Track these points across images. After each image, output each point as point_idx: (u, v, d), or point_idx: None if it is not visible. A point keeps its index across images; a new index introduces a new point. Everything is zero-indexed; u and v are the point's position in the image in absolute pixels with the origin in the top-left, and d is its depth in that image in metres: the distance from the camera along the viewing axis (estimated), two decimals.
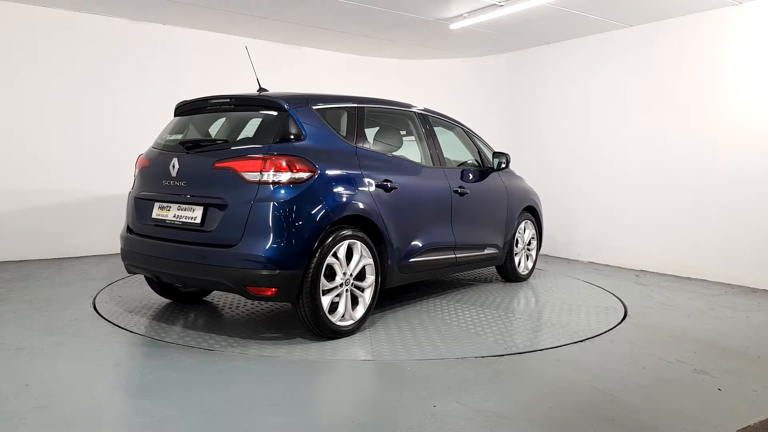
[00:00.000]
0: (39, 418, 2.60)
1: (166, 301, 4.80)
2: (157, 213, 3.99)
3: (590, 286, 5.89)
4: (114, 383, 3.04)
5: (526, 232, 6.03)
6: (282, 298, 3.65)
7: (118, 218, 7.17)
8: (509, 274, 5.91)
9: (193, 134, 4.32)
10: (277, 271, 3.52)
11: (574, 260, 7.56)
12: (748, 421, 2.75)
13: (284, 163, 3.62)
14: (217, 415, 2.67)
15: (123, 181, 7.22)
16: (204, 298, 4.87)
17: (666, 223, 6.65)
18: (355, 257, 3.92)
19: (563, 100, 7.81)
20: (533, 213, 6.17)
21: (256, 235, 3.54)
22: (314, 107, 4.04)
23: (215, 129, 4.42)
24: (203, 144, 4.04)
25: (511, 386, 3.14)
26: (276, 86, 8.46)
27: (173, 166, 3.91)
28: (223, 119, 4.39)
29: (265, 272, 3.52)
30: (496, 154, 5.62)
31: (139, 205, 4.16)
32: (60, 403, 2.76)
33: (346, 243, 3.83)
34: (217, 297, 4.98)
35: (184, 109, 4.43)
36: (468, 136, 5.64)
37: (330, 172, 3.83)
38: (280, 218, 3.55)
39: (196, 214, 3.76)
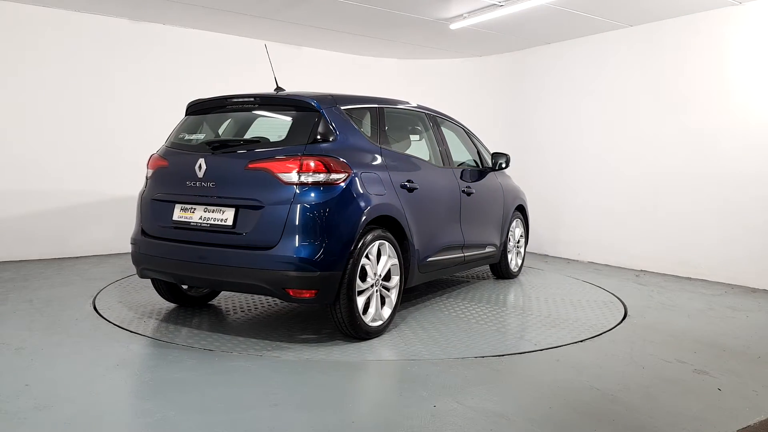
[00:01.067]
0: (39, 418, 2.60)
1: (165, 301, 4.80)
2: (179, 215, 3.86)
3: (590, 286, 5.89)
4: (114, 383, 3.04)
5: (516, 230, 6.20)
6: (321, 300, 3.59)
7: (118, 218, 7.20)
8: (503, 272, 6.04)
9: (215, 134, 4.23)
10: (318, 273, 3.49)
11: (574, 260, 7.56)
12: (748, 421, 2.75)
13: (322, 164, 3.58)
14: (217, 415, 2.67)
15: (123, 181, 7.24)
16: (209, 302, 4.83)
17: (666, 223, 6.65)
18: (383, 258, 3.94)
19: (563, 100, 7.81)
20: (522, 212, 6.36)
21: (295, 236, 3.48)
22: (342, 107, 4.01)
23: (237, 128, 4.33)
24: (232, 144, 3.95)
25: (511, 386, 3.14)
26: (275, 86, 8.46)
27: (200, 167, 3.78)
28: (245, 118, 4.31)
29: (305, 274, 3.48)
30: (495, 155, 5.68)
31: (156, 207, 4.01)
32: (60, 403, 2.76)
33: (377, 244, 3.85)
34: (218, 298, 4.98)
35: (199, 107, 4.31)
36: (467, 135, 5.69)
37: (363, 173, 3.83)
38: (320, 220, 3.52)
39: (226, 216, 3.66)
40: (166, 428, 2.54)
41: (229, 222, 3.65)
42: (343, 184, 3.65)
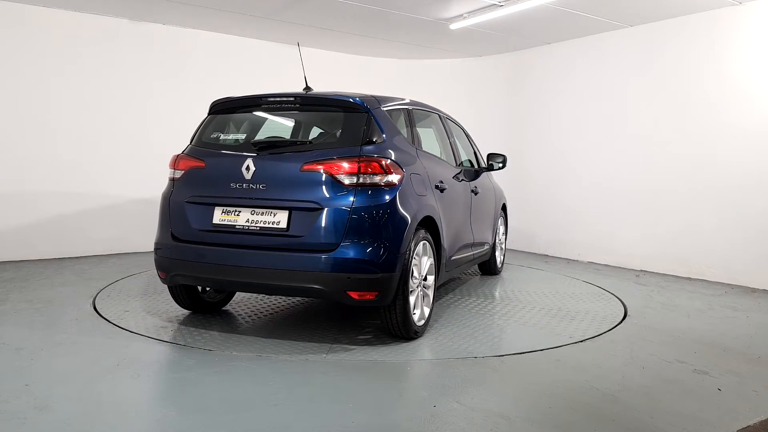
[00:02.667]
0: (39, 418, 2.60)
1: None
2: (220, 218, 3.71)
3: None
4: (114, 383, 3.04)
5: (500, 228, 6.36)
6: (380, 302, 3.57)
7: (118, 218, 7.21)
8: (491, 269, 6.24)
9: (255, 134, 4.15)
10: (380, 275, 3.48)
11: (574, 260, 7.56)
12: (748, 421, 2.75)
13: (379, 166, 3.57)
14: (217, 415, 2.67)
15: (122, 181, 7.24)
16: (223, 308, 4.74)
17: (666, 224, 6.65)
18: (425, 258, 3.97)
19: (563, 100, 7.81)
20: (504, 210, 6.53)
21: (357, 238, 3.46)
22: (384, 108, 4.00)
23: (276, 129, 4.27)
24: (281, 144, 3.86)
25: (511, 386, 3.14)
26: (276, 86, 8.46)
27: (247, 168, 3.65)
28: (284, 118, 4.25)
29: (368, 276, 3.46)
30: (492, 155, 5.70)
31: (191, 210, 3.82)
32: (60, 403, 2.76)
33: (422, 243, 3.88)
34: None
35: (226, 106, 4.17)
36: (466, 136, 5.73)
37: (411, 174, 3.85)
38: (380, 221, 3.51)
39: (278, 219, 3.57)
40: (166, 428, 2.55)
41: (283, 225, 3.55)
42: (398, 186, 3.65)
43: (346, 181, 3.52)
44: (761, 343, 4.04)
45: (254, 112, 4.21)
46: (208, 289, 4.37)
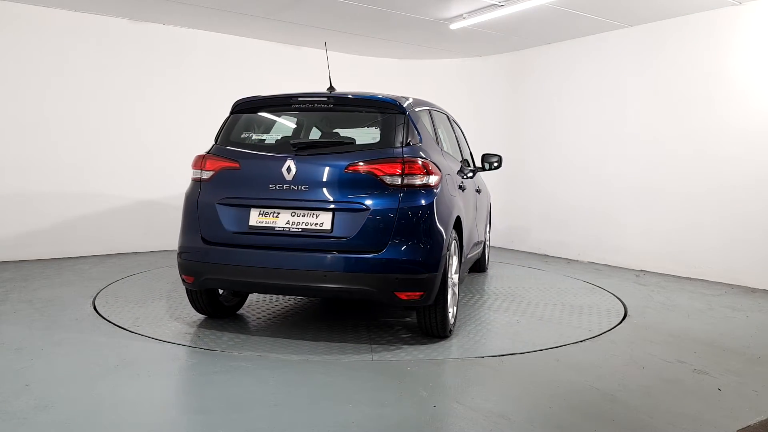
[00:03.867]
0: (39, 418, 2.60)
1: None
2: (258, 220, 3.62)
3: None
4: (114, 383, 3.04)
5: (487, 227, 6.51)
6: (424, 302, 3.58)
7: (118, 218, 7.21)
8: (481, 266, 6.38)
9: (288, 134, 4.11)
10: (425, 275, 3.51)
11: (574, 260, 7.56)
12: (748, 421, 2.75)
13: (421, 167, 3.59)
14: (217, 415, 2.67)
15: (122, 181, 7.24)
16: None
17: (666, 223, 6.65)
18: (454, 257, 4.02)
19: (563, 99, 7.81)
20: (490, 209, 6.70)
21: (403, 239, 3.47)
22: (416, 109, 4.03)
23: (311, 129, 4.23)
24: (321, 145, 3.83)
25: (511, 386, 3.14)
26: (276, 86, 8.47)
27: (288, 169, 3.59)
28: (317, 118, 4.20)
29: (414, 276, 3.49)
30: (487, 156, 5.67)
31: (223, 211, 3.70)
32: (60, 403, 2.76)
33: (453, 243, 3.93)
34: None
35: (251, 105, 4.09)
36: (463, 135, 5.76)
37: (446, 175, 3.90)
38: (425, 222, 3.53)
39: (322, 220, 3.53)
40: (166, 428, 2.55)
41: (326, 226, 3.52)
42: (439, 186, 3.68)
43: (391, 182, 3.53)
44: (761, 343, 4.04)
45: (284, 112, 4.17)
46: (222, 292, 4.29)
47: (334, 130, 4.22)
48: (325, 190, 3.56)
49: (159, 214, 7.51)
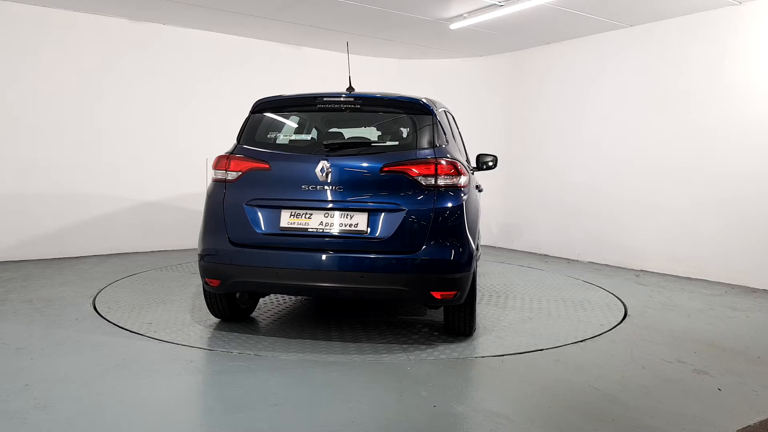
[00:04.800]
0: (39, 418, 2.60)
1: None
2: (289, 221, 3.58)
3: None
4: (114, 383, 3.04)
5: None
6: (457, 300, 3.62)
7: (118, 218, 7.21)
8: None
9: (317, 134, 4.10)
10: (460, 274, 3.55)
11: (574, 260, 7.56)
12: (748, 421, 2.75)
13: (453, 167, 3.63)
14: (217, 415, 2.67)
15: (122, 181, 7.24)
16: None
17: (666, 224, 6.65)
18: None
19: (563, 99, 7.81)
20: None
21: (438, 239, 3.50)
22: (440, 110, 4.07)
23: (338, 129, 4.21)
24: (353, 146, 3.78)
25: (511, 386, 3.14)
26: (276, 86, 8.47)
27: (322, 170, 3.56)
28: (343, 119, 4.17)
29: (450, 276, 3.52)
30: (482, 156, 5.64)
31: (252, 213, 3.63)
32: (60, 403, 2.76)
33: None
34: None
35: (274, 105, 4.04)
36: (460, 135, 5.75)
37: (472, 176, 3.97)
38: (458, 222, 3.58)
39: (357, 221, 3.53)
40: (166, 427, 2.55)
41: (362, 227, 3.52)
42: (468, 186, 3.75)
43: (426, 182, 3.56)
44: (761, 343, 4.04)
45: (309, 112, 4.13)
46: (237, 295, 4.23)
47: (362, 131, 4.22)
48: (360, 190, 3.56)
49: (159, 214, 7.51)
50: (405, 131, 3.87)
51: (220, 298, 4.03)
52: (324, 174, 3.56)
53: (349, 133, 4.25)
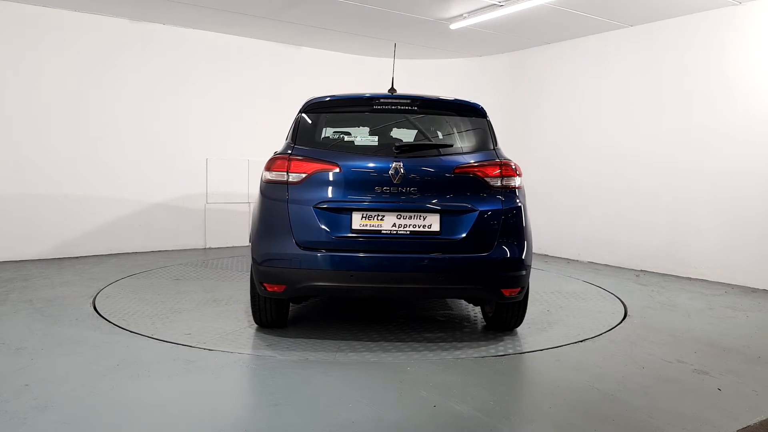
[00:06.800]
0: (39, 418, 2.60)
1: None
2: (361, 223, 3.55)
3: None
4: (114, 383, 3.04)
5: None
6: (520, 296, 3.77)
7: (118, 218, 7.20)
8: None
9: (381, 136, 4.11)
10: (524, 271, 3.69)
11: (574, 260, 7.56)
12: (748, 421, 2.75)
13: (513, 169, 3.78)
14: (217, 415, 2.67)
15: (122, 181, 7.24)
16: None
17: (666, 223, 6.65)
18: None
19: (563, 99, 7.81)
20: None
21: (508, 238, 3.64)
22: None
23: (396, 130, 4.23)
24: (420, 148, 3.83)
25: (511, 386, 3.14)
26: (276, 86, 8.48)
27: (395, 172, 3.57)
28: (401, 120, 4.18)
29: (518, 273, 3.65)
30: None
31: (322, 216, 3.55)
32: (60, 403, 2.76)
33: None
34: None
35: (328, 105, 4.00)
36: None
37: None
38: (521, 221, 3.73)
39: (430, 222, 3.57)
40: (165, 428, 2.55)
41: (435, 228, 3.57)
42: (522, 187, 3.89)
43: (494, 183, 3.69)
44: (761, 343, 4.04)
45: (364, 113, 4.12)
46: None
47: (421, 133, 4.25)
48: (433, 192, 3.63)
49: (159, 214, 7.51)
50: (464, 133, 3.98)
51: (273, 306, 3.92)
52: (397, 176, 3.58)
53: (406, 134, 4.24)
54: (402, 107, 3.94)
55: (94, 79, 6.97)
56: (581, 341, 3.97)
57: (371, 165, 3.66)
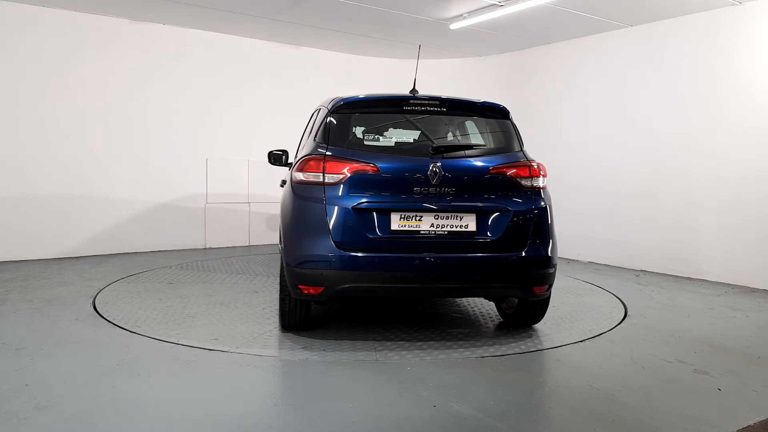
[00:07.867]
0: (39, 418, 2.60)
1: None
2: (400, 224, 3.56)
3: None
4: (114, 383, 3.04)
5: None
6: (547, 293, 3.89)
7: (118, 218, 7.21)
8: None
9: (415, 137, 4.13)
10: (553, 269, 3.81)
11: (574, 260, 7.56)
12: (748, 421, 2.75)
13: (539, 170, 3.87)
14: (217, 415, 2.67)
15: (122, 181, 7.24)
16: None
17: (666, 223, 6.64)
18: None
19: (563, 99, 7.81)
20: None
21: (539, 237, 3.73)
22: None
23: (426, 131, 4.23)
24: (455, 149, 3.88)
25: (511, 386, 3.14)
26: (276, 86, 8.47)
27: (434, 173, 3.60)
28: (429, 121, 4.18)
29: (548, 271, 3.76)
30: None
31: (361, 217, 3.53)
32: (60, 403, 2.76)
33: None
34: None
35: (357, 106, 3.98)
36: None
37: None
38: (549, 220, 3.84)
39: (466, 222, 3.63)
40: (166, 428, 2.55)
41: (472, 228, 3.63)
42: (547, 187, 3.96)
43: (525, 184, 3.78)
44: (761, 343, 4.04)
45: (394, 114, 4.14)
46: None
47: (451, 134, 4.31)
48: (469, 192, 3.68)
49: (159, 214, 7.51)
50: (493, 134, 4.05)
51: (302, 308, 3.90)
52: (435, 176, 3.61)
53: (435, 135, 4.23)
54: (432, 108, 3.97)
55: (94, 80, 6.97)
56: (581, 341, 3.97)
57: (409, 165, 3.66)
